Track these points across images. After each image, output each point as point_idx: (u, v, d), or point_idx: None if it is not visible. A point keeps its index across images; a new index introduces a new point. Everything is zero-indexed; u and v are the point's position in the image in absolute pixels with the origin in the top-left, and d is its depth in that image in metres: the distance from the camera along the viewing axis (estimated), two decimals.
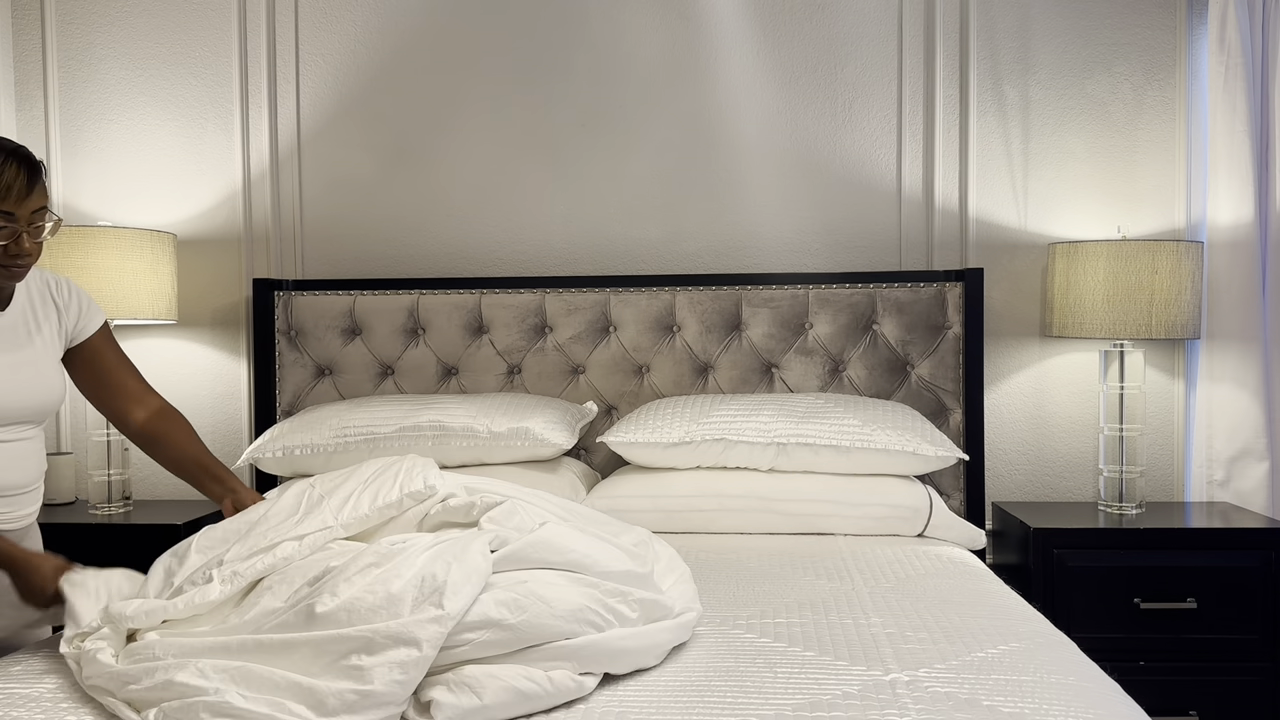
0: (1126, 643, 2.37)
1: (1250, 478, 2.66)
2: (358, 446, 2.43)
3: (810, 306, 2.73)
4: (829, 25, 2.82)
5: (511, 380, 2.80)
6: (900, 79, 2.81)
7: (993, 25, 2.79)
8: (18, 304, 1.76)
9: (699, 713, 1.28)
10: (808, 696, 1.32)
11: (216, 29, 2.90)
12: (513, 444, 2.41)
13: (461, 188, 2.89)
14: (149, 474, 2.93)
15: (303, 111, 2.91)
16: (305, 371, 2.84)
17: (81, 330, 1.85)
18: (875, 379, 2.71)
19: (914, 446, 2.32)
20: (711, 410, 2.43)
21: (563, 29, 2.85)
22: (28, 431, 1.75)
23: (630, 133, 2.85)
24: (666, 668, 1.44)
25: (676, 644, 1.49)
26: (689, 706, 1.30)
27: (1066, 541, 2.42)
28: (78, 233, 2.61)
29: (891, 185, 2.82)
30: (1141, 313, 2.50)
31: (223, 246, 2.92)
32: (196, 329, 2.93)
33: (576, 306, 2.78)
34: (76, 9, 2.93)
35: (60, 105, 2.93)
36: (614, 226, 2.87)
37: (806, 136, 2.83)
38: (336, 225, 2.91)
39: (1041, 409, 2.81)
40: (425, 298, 2.81)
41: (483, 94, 2.87)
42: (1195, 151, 2.75)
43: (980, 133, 2.80)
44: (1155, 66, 2.77)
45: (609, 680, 1.39)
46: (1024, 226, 2.80)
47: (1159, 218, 2.77)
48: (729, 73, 2.83)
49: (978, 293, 2.66)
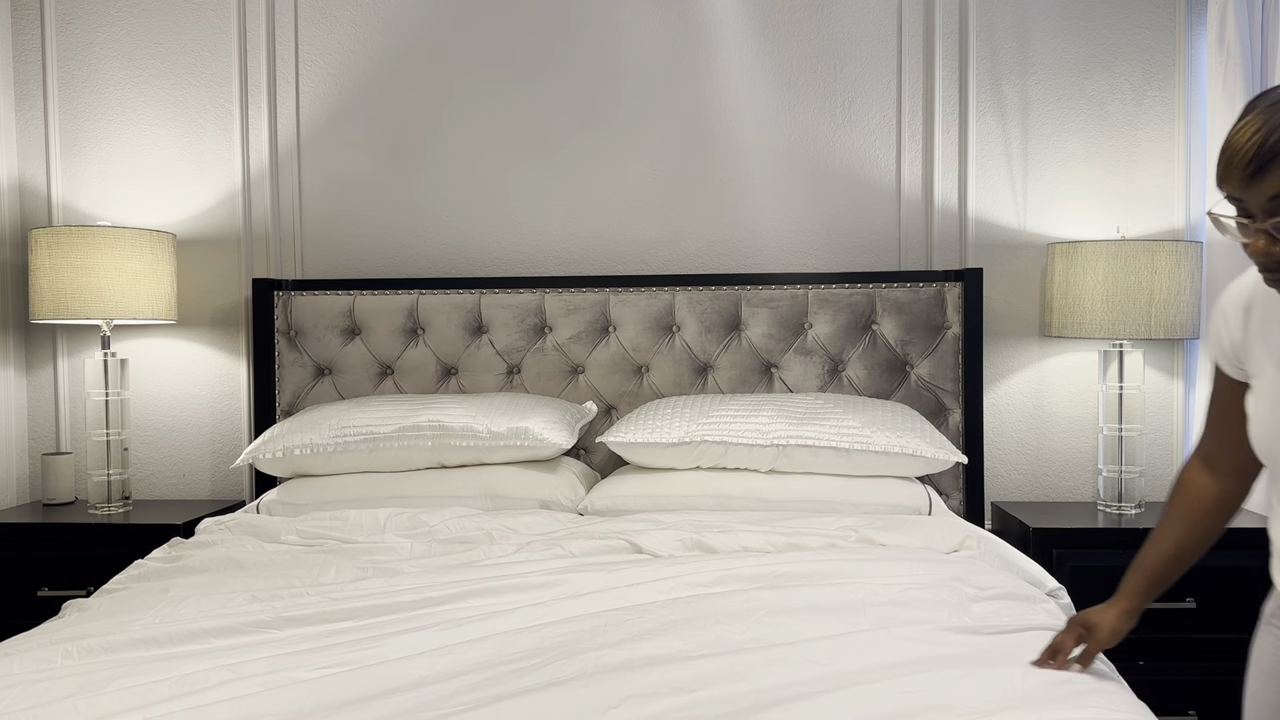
0: (1126, 642, 2.33)
1: None
2: (357, 446, 2.43)
3: (810, 306, 2.73)
4: (828, 25, 2.82)
5: (511, 380, 2.80)
6: (900, 79, 2.81)
7: (992, 25, 2.79)
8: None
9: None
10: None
11: (216, 29, 2.90)
12: (512, 444, 2.41)
13: (461, 188, 2.89)
14: (149, 474, 2.94)
15: (302, 111, 2.91)
16: (305, 371, 2.84)
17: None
18: (874, 379, 2.71)
19: (914, 448, 2.32)
20: (711, 410, 2.42)
21: (563, 29, 2.85)
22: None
23: (630, 133, 2.85)
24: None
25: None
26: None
27: (1066, 541, 2.43)
28: (77, 233, 2.61)
29: (891, 185, 2.82)
30: (1141, 313, 2.50)
31: (222, 246, 2.92)
32: (196, 329, 2.93)
33: (576, 306, 2.78)
34: (76, 9, 2.93)
35: (60, 105, 2.93)
36: (614, 226, 2.87)
37: (806, 136, 2.83)
38: (336, 225, 2.91)
39: (1041, 409, 2.81)
40: (425, 298, 2.81)
41: (483, 94, 2.87)
42: (1194, 151, 2.75)
43: (979, 133, 2.80)
44: (1155, 67, 2.77)
45: None
46: (1023, 226, 2.80)
47: (1158, 218, 2.77)
48: (729, 73, 2.83)
49: (977, 293, 2.67)
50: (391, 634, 1.53)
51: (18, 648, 1.53)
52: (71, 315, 2.62)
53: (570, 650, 1.41)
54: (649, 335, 2.76)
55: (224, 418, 2.94)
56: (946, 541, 2.00)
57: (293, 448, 2.45)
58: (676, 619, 1.52)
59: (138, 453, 2.93)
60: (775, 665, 1.34)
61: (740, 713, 1.21)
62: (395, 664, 1.38)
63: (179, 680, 1.35)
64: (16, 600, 2.52)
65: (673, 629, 1.49)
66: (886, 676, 1.31)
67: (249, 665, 1.41)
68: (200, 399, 2.93)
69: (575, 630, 1.49)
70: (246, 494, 2.92)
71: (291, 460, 2.46)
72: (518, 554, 1.95)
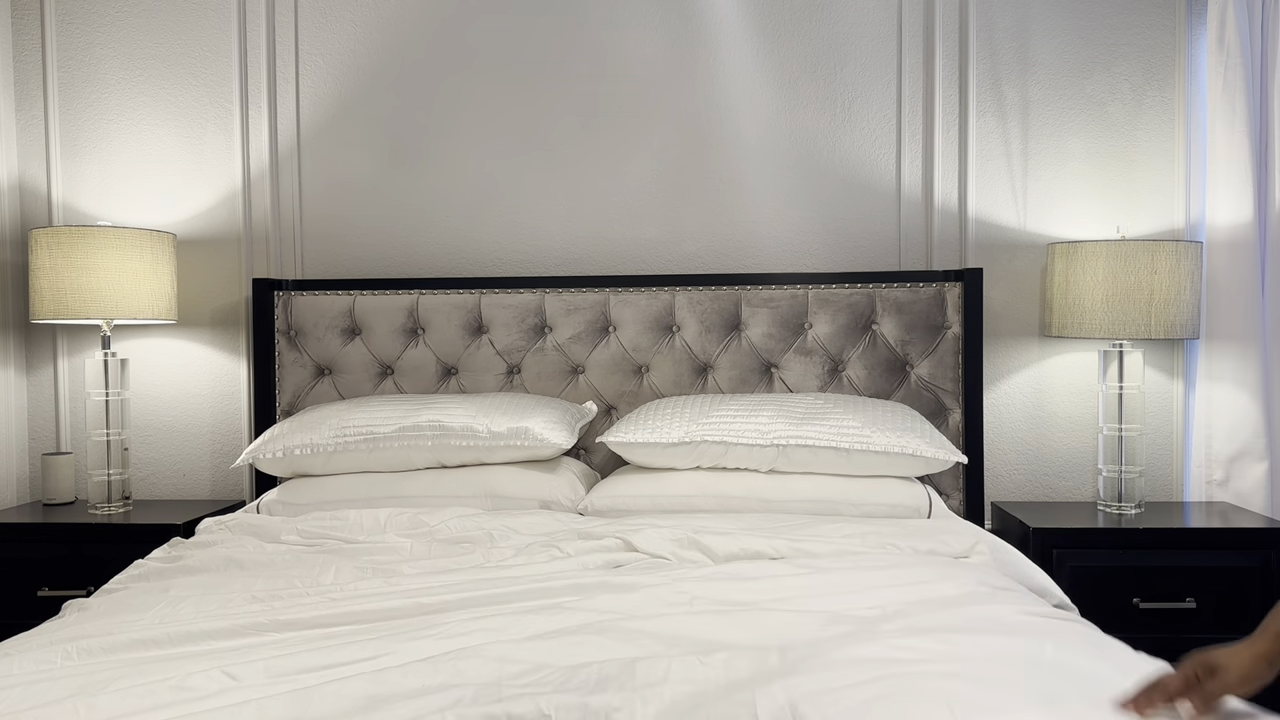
0: (1125, 642, 2.37)
1: (1249, 478, 2.66)
2: (357, 446, 2.43)
3: (810, 306, 2.73)
4: (828, 25, 2.82)
5: (511, 380, 2.80)
6: (899, 79, 2.81)
7: (992, 25, 2.79)
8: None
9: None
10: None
11: (216, 29, 2.90)
12: (512, 444, 2.41)
13: (461, 188, 2.89)
14: (149, 474, 2.94)
15: (302, 111, 2.91)
16: (305, 371, 2.84)
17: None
18: (874, 379, 2.71)
19: (914, 448, 2.32)
20: (711, 410, 2.43)
21: (562, 29, 2.85)
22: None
23: (630, 133, 2.85)
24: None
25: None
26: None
27: (1066, 541, 2.42)
28: (78, 233, 2.61)
29: (891, 185, 2.82)
30: (1141, 313, 2.50)
31: (222, 246, 2.92)
32: (196, 329, 2.93)
33: (576, 306, 2.78)
34: (76, 9, 2.93)
35: (60, 105, 2.93)
36: (614, 226, 2.87)
37: (806, 137, 2.83)
38: (336, 225, 2.92)
39: (1041, 409, 2.81)
40: (425, 298, 2.81)
41: (483, 94, 2.87)
42: (1194, 151, 2.75)
43: (979, 133, 2.80)
44: (1154, 67, 2.77)
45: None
46: (1023, 226, 2.80)
47: (1158, 218, 2.77)
48: (729, 73, 2.83)
49: (977, 293, 2.67)
50: (389, 635, 1.52)
51: (17, 648, 1.52)
52: (72, 315, 2.62)
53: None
54: (649, 335, 2.77)
55: (224, 418, 2.94)
56: (956, 547, 1.98)
57: (293, 448, 2.45)
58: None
59: (138, 453, 2.94)
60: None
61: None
62: (394, 671, 1.36)
63: (178, 687, 1.34)
64: (16, 600, 2.52)
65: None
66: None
67: (248, 667, 1.41)
68: (200, 399, 2.93)
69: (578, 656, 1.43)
70: (246, 494, 2.92)
71: (291, 460, 2.46)
72: (516, 557, 1.94)
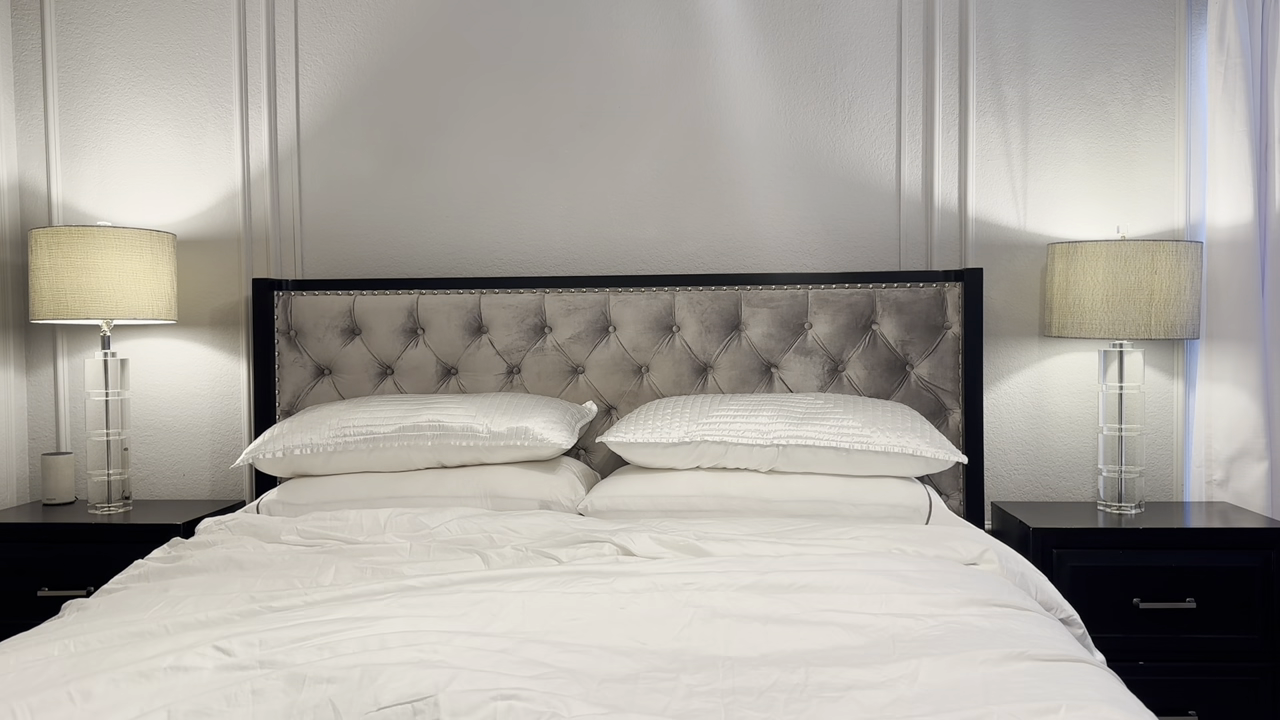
0: (1125, 643, 2.37)
1: (1249, 478, 2.66)
2: (357, 446, 2.43)
3: (810, 306, 2.73)
4: (828, 25, 2.82)
5: (511, 380, 2.80)
6: (899, 79, 2.81)
7: (992, 25, 2.79)
8: None
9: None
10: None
11: (216, 29, 2.90)
12: (512, 444, 2.41)
13: (461, 188, 2.89)
14: (149, 474, 2.94)
15: (302, 111, 2.91)
16: (305, 371, 2.84)
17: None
18: (874, 379, 2.71)
19: (914, 448, 2.31)
20: (711, 410, 2.42)
21: (562, 29, 2.85)
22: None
23: (630, 133, 2.85)
24: None
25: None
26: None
27: (1066, 541, 2.42)
28: (77, 233, 2.61)
29: (891, 185, 2.82)
30: (1141, 313, 2.50)
31: (222, 246, 2.92)
32: (196, 329, 2.93)
33: (576, 306, 2.78)
34: (76, 9, 2.93)
35: (60, 105, 2.93)
36: (614, 226, 2.87)
37: (806, 136, 2.83)
38: (336, 225, 2.92)
39: (1041, 409, 2.81)
40: (425, 298, 2.81)
41: (483, 94, 2.87)
42: (1194, 152, 2.75)
43: (979, 133, 2.80)
44: (1154, 67, 2.77)
45: None
46: (1023, 226, 2.80)
47: (1158, 218, 2.77)
48: (728, 73, 2.83)
49: (977, 293, 2.67)
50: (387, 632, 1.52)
51: (16, 647, 1.53)
52: (71, 315, 2.62)
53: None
54: (649, 335, 2.76)
55: (224, 418, 2.94)
56: (964, 554, 1.97)
57: (293, 448, 2.45)
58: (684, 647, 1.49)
59: (138, 453, 2.94)
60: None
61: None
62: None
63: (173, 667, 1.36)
64: (16, 600, 2.52)
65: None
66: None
67: (240, 640, 1.41)
68: (200, 399, 2.93)
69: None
70: (246, 494, 2.93)
71: (291, 460, 2.46)
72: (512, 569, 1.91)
